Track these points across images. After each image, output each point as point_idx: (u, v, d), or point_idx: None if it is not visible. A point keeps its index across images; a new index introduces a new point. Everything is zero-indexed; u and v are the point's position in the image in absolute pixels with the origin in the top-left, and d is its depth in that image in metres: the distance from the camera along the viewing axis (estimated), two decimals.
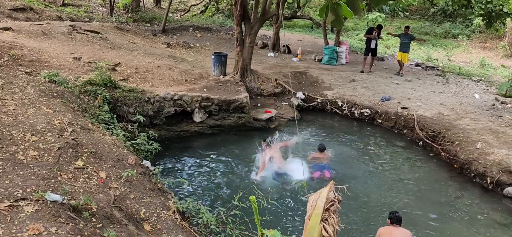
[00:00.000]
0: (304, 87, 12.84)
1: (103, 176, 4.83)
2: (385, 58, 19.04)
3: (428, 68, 17.34)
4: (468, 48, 22.99)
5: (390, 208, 7.12)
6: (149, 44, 15.50)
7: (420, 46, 22.74)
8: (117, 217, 4.13)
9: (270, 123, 10.76)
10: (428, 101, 11.72)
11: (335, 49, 16.64)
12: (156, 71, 10.73)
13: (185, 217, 5.22)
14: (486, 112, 10.97)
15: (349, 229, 6.46)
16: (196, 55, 15.19)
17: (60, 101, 6.85)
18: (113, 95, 8.61)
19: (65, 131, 5.48)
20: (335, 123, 11.51)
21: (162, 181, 6.12)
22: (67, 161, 4.80)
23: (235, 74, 11.84)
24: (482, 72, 17.50)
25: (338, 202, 2.47)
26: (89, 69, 9.53)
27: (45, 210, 3.58)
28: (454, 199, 7.59)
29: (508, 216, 7.04)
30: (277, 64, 15.10)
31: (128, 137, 7.11)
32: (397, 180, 8.30)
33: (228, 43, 18.48)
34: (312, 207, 2.40)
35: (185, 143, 9.49)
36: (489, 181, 7.84)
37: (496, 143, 8.71)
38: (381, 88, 12.91)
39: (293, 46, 18.90)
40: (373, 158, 9.34)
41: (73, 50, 10.93)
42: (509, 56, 21.27)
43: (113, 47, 12.60)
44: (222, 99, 10.03)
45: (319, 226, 2.29)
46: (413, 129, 10.26)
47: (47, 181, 4.14)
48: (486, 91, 13.76)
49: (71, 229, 3.41)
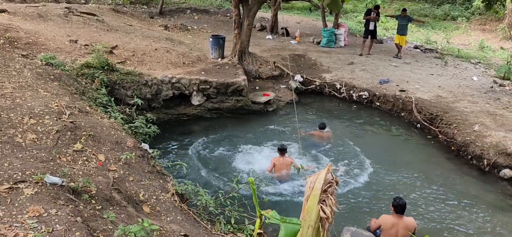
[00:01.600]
0: (302, 70, 12.81)
1: (102, 159, 4.84)
2: (384, 40, 18.96)
3: (427, 50, 17.28)
4: (467, 31, 22.88)
5: (388, 189, 7.21)
6: (146, 26, 15.39)
7: (419, 28, 22.63)
8: (116, 199, 4.16)
9: (268, 106, 10.77)
10: (426, 84, 11.72)
11: (334, 32, 16.55)
12: (153, 54, 10.67)
13: (184, 199, 5.26)
14: (484, 95, 10.99)
15: (348, 210, 6.53)
16: (193, 38, 15.10)
17: (58, 84, 6.82)
18: (111, 78, 8.59)
19: (63, 114, 5.47)
20: (334, 106, 11.52)
21: (160, 164, 6.15)
22: (66, 143, 4.80)
23: (233, 57, 11.79)
24: (481, 55, 17.46)
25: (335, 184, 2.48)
26: (86, 52, 9.48)
27: (45, 192, 3.59)
28: (451, 181, 7.65)
29: (503, 198, 7.11)
30: (275, 46, 15.04)
31: (126, 120, 7.12)
32: (394, 163, 8.35)
33: (226, 25, 18.36)
34: (310, 189, 2.41)
35: (183, 126, 9.50)
36: (486, 163, 7.90)
37: (493, 125, 8.75)
38: (380, 71, 12.89)
39: (292, 28, 18.78)
40: (371, 140, 9.39)
41: (69, 32, 10.85)
42: (508, 38, 21.20)
43: (110, 29, 12.51)
44: (220, 82, 10.00)
45: (316, 207, 2.30)
46: (411, 112, 10.28)
47: (46, 164, 4.15)
48: (484, 74, 13.76)
49: (71, 210, 3.44)
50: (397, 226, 5.41)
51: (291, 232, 1.93)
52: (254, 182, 2.02)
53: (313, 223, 2.27)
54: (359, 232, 5.62)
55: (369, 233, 5.63)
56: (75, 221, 3.31)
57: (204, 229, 4.75)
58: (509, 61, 13.68)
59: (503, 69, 13.46)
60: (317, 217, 2.28)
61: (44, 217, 3.26)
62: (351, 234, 5.53)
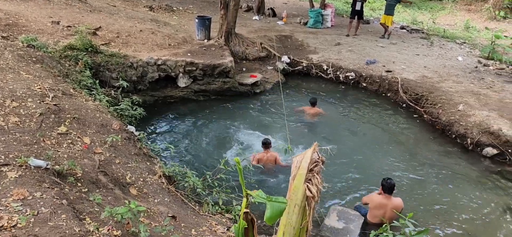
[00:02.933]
0: (289, 51, 12.77)
1: (87, 142, 4.79)
2: (371, 21, 18.96)
3: (413, 31, 17.36)
4: (453, 11, 23.03)
5: (374, 169, 7.30)
6: (130, 7, 15.11)
7: (406, 9, 22.69)
8: (102, 182, 4.13)
9: (256, 88, 10.74)
10: (412, 65, 11.80)
11: (321, 12, 16.48)
12: (138, 36, 10.50)
13: (172, 181, 5.26)
14: (469, 75, 11.12)
15: (334, 189, 6.61)
16: (179, 19, 14.90)
17: (40, 66, 6.69)
18: (95, 60, 8.44)
19: (47, 97, 5.37)
20: (321, 87, 11.54)
21: (147, 146, 6.11)
22: (50, 126, 4.73)
23: (220, 38, 11.67)
24: (466, 35, 17.61)
25: (321, 163, 2.49)
26: (69, 33, 9.28)
27: (29, 175, 3.55)
28: (436, 160, 7.77)
29: (485, 175, 7.27)
30: (262, 27, 14.93)
31: (111, 103, 7.03)
32: (380, 142, 8.45)
33: (211, 6, 18.14)
34: (296, 168, 2.43)
35: (170, 108, 9.43)
36: (470, 142, 8.04)
37: (477, 104, 8.88)
38: (366, 52, 12.92)
39: (278, 9, 18.65)
40: (357, 120, 9.46)
41: (51, 13, 10.59)
42: (493, 18, 21.41)
43: (93, 10, 12.25)
44: (206, 64, 9.92)
45: (303, 186, 2.32)
46: (397, 92, 10.37)
47: (30, 147, 4.09)
48: (469, 54, 13.90)
49: (56, 193, 3.40)
50: (386, 207, 5.51)
51: (277, 211, 1.94)
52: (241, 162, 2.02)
53: (300, 202, 2.29)
54: (345, 210, 5.70)
55: (355, 211, 5.72)
56: (60, 203, 3.29)
57: (192, 211, 4.77)
58: (493, 41, 13.82)
59: (487, 49, 13.61)
60: (303, 196, 2.29)
61: (29, 200, 3.23)
62: (337, 213, 5.62)
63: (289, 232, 2.27)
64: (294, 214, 2.28)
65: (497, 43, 13.92)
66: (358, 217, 5.59)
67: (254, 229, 2.24)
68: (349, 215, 5.61)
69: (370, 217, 5.64)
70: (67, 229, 3.02)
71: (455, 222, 5.95)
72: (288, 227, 2.27)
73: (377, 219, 5.54)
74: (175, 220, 4.12)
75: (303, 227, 2.31)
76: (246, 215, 2.13)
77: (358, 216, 5.60)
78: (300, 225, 2.29)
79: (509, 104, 8.92)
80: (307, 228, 2.36)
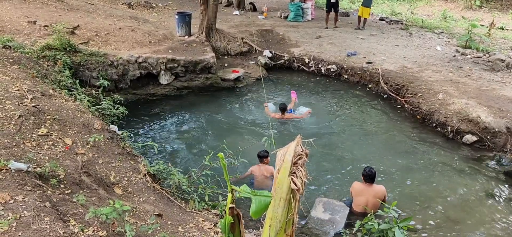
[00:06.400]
0: (270, 45, 12.79)
1: (69, 143, 4.72)
2: (350, 13, 19.11)
3: (392, 22, 17.57)
4: (430, 1, 23.40)
5: (357, 159, 7.39)
6: (108, 5, 14.87)
7: (384, 0, 22.93)
8: (86, 183, 4.08)
9: (238, 83, 10.73)
10: (392, 55, 11.96)
11: (301, 6, 16.52)
12: (118, 34, 10.36)
13: (157, 179, 5.23)
14: (447, 64, 11.33)
15: (319, 181, 6.67)
16: (159, 16, 14.75)
17: (18, 67, 6.54)
18: (74, 59, 8.30)
19: (25, 98, 5.27)
20: (303, 80, 11.60)
21: (131, 145, 6.06)
22: (30, 128, 4.64)
23: (201, 34, 11.61)
24: (443, 25, 17.93)
25: (305, 156, 2.52)
26: (46, 33, 9.09)
27: (10, 179, 3.48)
28: (417, 149, 7.91)
29: (465, 162, 7.43)
30: (243, 22, 14.90)
31: (92, 102, 6.93)
32: (363, 133, 8.57)
33: (191, 2, 17.99)
34: (280, 161, 2.44)
35: (152, 106, 9.34)
36: (450, 130, 8.21)
37: (456, 93, 9.06)
38: (347, 44, 13.03)
39: (259, 3, 18.63)
40: (340, 112, 9.55)
41: (27, 13, 10.35)
42: (469, 8, 21.83)
43: (70, 9, 12.02)
44: (188, 60, 9.86)
45: (287, 179, 2.34)
46: (378, 83, 10.50)
47: (10, 150, 4.01)
48: (447, 43, 14.15)
49: (39, 196, 3.35)
50: (367, 194, 5.60)
51: (262, 205, 1.95)
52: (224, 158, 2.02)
53: (285, 195, 2.31)
54: (331, 202, 5.76)
55: (340, 202, 5.79)
56: (43, 206, 3.24)
57: (178, 208, 4.75)
58: (470, 30, 14.11)
59: (464, 38, 13.89)
60: (288, 189, 2.31)
61: (10, 204, 3.17)
62: (323, 205, 5.68)
63: (275, 225, 2.30)
64: (279, 207, 2.30)
65: (473, 32, 14.22)
66: (344, 207, 5.66)
67: (240, 224, 2.25)
68: (334, 206, 5.67)
69: (354, 206, 5.72)
70: (51, 232, 2.98)
71: (438, 208, 6.08)
72: (274, 220, 2.30)
73: (360, 208, 5.62)
74: (161, 218, 4.11)
75: (289, 219, 2.34)
76: (232, 210, 2.14)
77: (343, 207, 5.67)
78: (286, 218, 2.32)
79: (487, 92, 9.14)
80: (293, 220, 2.39)
